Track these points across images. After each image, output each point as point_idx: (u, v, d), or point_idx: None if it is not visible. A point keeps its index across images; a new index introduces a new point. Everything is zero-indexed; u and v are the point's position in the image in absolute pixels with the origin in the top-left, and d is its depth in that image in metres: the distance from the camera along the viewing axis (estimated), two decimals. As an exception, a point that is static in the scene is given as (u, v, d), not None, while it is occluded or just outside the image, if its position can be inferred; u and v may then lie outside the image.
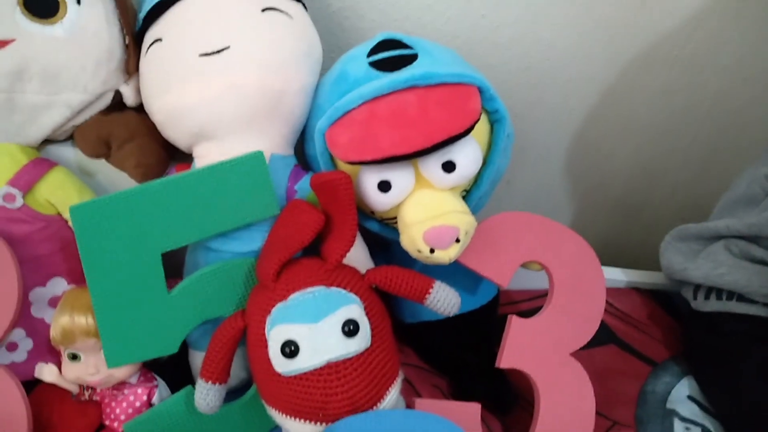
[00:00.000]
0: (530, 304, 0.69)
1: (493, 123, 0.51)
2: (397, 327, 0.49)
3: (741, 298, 0.59)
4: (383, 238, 0.55)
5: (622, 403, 0.61)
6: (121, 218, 0.44)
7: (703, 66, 0.71)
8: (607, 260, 0.72)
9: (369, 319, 0.44)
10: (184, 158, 0.53)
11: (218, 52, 0.46)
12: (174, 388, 0.52)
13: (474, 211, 0.51)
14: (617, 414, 0.59)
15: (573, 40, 0.68)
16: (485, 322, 0.59)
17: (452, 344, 0.59)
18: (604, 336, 0.67)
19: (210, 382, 0.45)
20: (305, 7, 0.54)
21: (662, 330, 0.69)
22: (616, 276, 0.73)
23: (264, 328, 0.43)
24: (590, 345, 0.59)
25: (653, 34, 0.69)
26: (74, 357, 0.47)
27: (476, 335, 0.59)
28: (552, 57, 0.69)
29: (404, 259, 0.51)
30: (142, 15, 0.51)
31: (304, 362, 0.42)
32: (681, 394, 0.62)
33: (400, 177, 0.47)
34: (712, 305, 0.61)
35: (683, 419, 0.60)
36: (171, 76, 0.47)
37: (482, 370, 0.58)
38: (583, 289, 0.54)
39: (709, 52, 0.70)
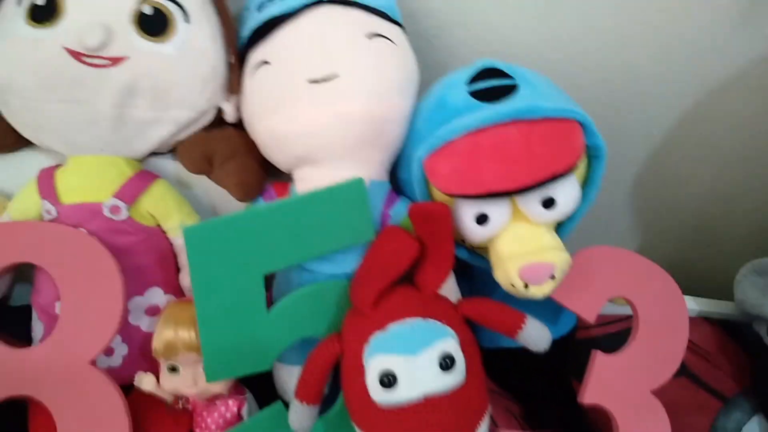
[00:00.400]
0: (602, 329, 0.68)
1: (591, 158, 0.50)
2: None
3: None
4: (467, 264, 0.55)
5: None
6: (230, 240, 0.45)
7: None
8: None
9: (463, 352, 0.45)
10: (280, 174, 0.54)
11: (326, 79, 0.47)
12: (257, 396, 0.54)
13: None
14: None
15: (660, 65, 0.66)
16: (562, 351, 0.59)
17: (528, 371, 0.59)
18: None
19: (305, 403, 0.46)
20: (404, 29, 0.54)
21: (732, 363, 0.68)
22: (688, 305, 0.72)
23: (361, 356, 0.44)
24: None
25: (744, 59, 0.67)
26: (173, 369, 0.49)
27: (553, 364, 0.59)
28: (637, 81, 0.68)
29: (486, 285, 0.52)
30: (246, 34, 0.52)
31: (402, 395, 0.42)
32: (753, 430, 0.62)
33: (497, 211, 0.47)
34: None
35: None
36: (279, 101, 0.48)
37: (557, 398, 0.58)
38: (667, 327, 0.54)
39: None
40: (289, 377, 0.53)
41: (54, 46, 0.47)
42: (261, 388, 0.55)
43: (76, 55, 0.47)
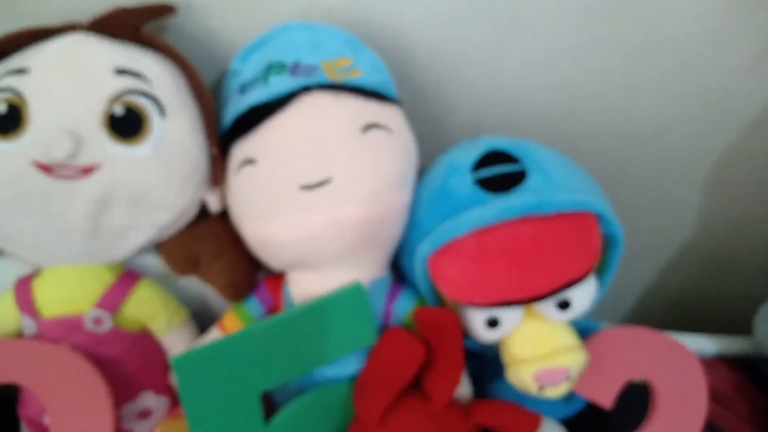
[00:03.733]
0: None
1: (608, 245, 0.47)
2: None
3: None
4: (478, 355, 0.52)
5: None
6: (223, 364, 0.42)
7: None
8: (687, 324, 0.70)
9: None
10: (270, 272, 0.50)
11: (320, 184, 0.43)
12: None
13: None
14: None
15: (676, 107, 0.62)
16: (577, 427, 0.57)
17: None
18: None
19: None
20: (400, 104, 0.49)
21: (751, 406, 0.67)
22: (702, 345, 0.70)
23: (371, 482, 0.42)
24: None
25: (760, 101, 0.63)
26: (172, 485, 0.47)
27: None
28: (651, 124, 0.64)
29: (497, 367, 0.49)
30: (228, 119, 0.48)
31: None
32: None
33: (509, 316, 0.44)
34: None
35: None
36: (269, 207, 0.44)
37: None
38: (685, 404, 0.52)
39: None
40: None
41: (20, 159, 0.43)
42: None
43: (45, 168, 0.43)
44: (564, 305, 0.44)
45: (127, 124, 0.44)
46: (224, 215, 0.50)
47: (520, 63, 0.58)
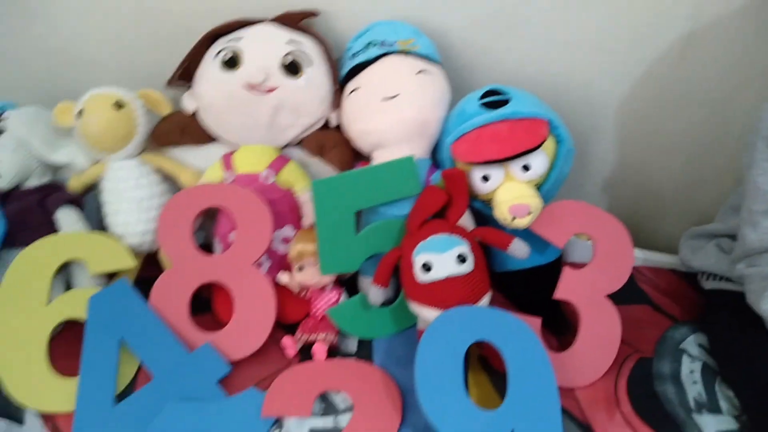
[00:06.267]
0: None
1: (558, 142, 0.80)
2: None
3: (728, 279, 0.83)
4: (483, 215, 0.85)
5: (646, 341, 0.85)
6: (338, 189, 0.79)
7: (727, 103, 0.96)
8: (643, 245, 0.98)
9: (473, 255, 0.75)
10: (364, 159, 0.87)
11: (393, 97, 0.80)
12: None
13: (546, 199, 0.81)
14: (641, 346, 0.85)
15: (623, 87, 0.95)
16: (550, 274, 0.86)
17: (527, 289, 0.88)
18: (641, 298, 0.93)
19: (379, 286, 0.78)
20: (441, 65, 0.87)
21: (686, 299, 0.93)
22: (658, 258, 0.99)
23: (411, 256, 0.76)
24: (630, 303, 0.88)
25: (688, 82, 0.95)
26: (301, 269, 0.82)
27: (543, 284, 0.86)
28: (603, 99, 0.97)
29: (494, 223, 0.82)
30: (344, 72, 0.87)
31: (434, 275, 0.73)
32: (693, 341, 0.85)
33: (495, 173, 0.78)
34: (711, 284, 0.86)
35: (690, 356, 0.83)
36: (364, 111, 0.82)
37: (546, 306, 0.86)
38: (617, 253, 0.81)
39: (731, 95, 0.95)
40: (366, 283, 0.85)
41: (237, 82, 0.83)
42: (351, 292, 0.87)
43: (249, 87, 0.82)
44: (526, 168, 0.77)
45: (292, 67, 0.83)
46: (337, 128, 0.88)
47: (515, 53, 0.93)
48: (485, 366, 0.80)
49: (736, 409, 0.75)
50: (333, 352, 0.82)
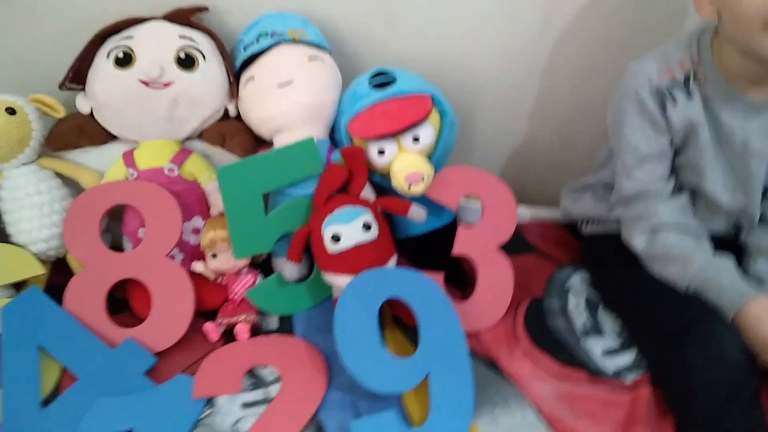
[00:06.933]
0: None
1: (442, 115, 0.88)
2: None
3: (604, 222, 0.96)
4: (383, 187, 0.92)
5: (536, 283, 0.96)
6: (244, 175, 0.82)
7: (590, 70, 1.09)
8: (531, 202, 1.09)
9: (377, 222, 0.82)
10: (266, 144, 0.91)
11: (287, 83, 0.85)
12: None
13: (436, 167, 0.89)
14: (532, 289, 0.95)
15: (495, 63, 1.06)
16: (447, 236, 0.95)
17: (428, 250, 0.96)
18: (528, 248, 1.04)
19: (293, 262, 0.83)
20: (331, 53, 0.92)
21: (568, 246, 1.05)
22: (544, 213, 1.11)
23: (321, 230, 0.81)
24: (519, 253, 0.98)
25: (551, 53, 1.07)
26: (214, 256, 0.85)
27: (442, 244, 0.95)
28: (479, 75, 1.06)
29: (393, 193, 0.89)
30: (238, 64, 0.90)
31: (344, 244, 0.79)
32: (576, 280, 0.97)
33: (389, 147, 0.85)
34: (589, 229, 0.99)
35: (575, 292, 0.96)
36: (262, 98, 0.86)
37: (447, 264, 0.95)
38: (502, 209, 0.91)
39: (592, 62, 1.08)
40: (281, 263, 0.89)
41: (132, 78, 0.84)
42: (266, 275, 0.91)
43: (145, 83, 0.84)
44: (416, 139, 0.85)
45: (187, 61, 0.86)
46: (237, 117, 0.91)
47: (400, 38, 1.01)
48: (399, 324, 0.88)
49: (617, 329, 0.87)
50: (255, 331, 0.86)
